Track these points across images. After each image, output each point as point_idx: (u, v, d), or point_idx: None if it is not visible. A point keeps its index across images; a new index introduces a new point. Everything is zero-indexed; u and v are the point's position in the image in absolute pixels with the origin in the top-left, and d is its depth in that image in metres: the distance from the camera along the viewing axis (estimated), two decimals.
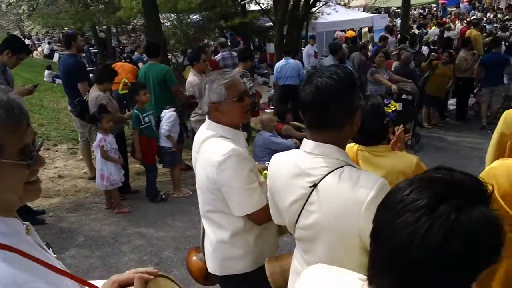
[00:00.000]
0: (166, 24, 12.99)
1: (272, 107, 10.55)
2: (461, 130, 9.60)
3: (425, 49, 12.63)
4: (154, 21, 8.88)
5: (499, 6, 25.92)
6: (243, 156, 2.21)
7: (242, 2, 12.85)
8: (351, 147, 2.71)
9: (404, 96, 8.21)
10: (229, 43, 11.67)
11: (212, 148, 2.27)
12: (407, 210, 0.93)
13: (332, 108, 1.68)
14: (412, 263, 0.92)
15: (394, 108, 2.62)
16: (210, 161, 2.23)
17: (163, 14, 12.66)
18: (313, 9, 12.28)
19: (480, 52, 11.28)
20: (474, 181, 0.96)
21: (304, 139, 1.80)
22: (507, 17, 21.20)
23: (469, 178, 0.97)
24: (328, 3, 13.21)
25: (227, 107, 2.29)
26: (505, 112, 3.65)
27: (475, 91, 10.25)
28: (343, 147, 1.78)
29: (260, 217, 2.26)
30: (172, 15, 13.09)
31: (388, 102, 2.62)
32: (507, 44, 11.99)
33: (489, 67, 9.31)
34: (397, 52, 10.60)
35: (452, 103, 10.92)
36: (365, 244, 1.65)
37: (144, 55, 11.11)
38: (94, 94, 5.98)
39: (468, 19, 20.53)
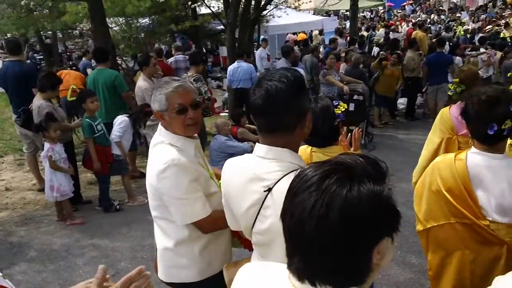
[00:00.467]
0: (115, 28, 12.70)
1: (227, 111, 10.52)
2: (411, 128, 9.88)
3: (376, 50, 12.94)
4: (101, 25, 8.65)
5: (441, 8, 27.01)
6: (185, 166, 2.16)
7: (192, 6, 12.72)
8: (305, 149, 2.73)
9: (355, 97, 8.38)
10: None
11: (156, 155, 2.24)
12: (302, 190, 0.99)
13: (283, 112, 1.66)
14: (306, 238, 0.97)
15: (344, 109, 2.66)
16: (153, 168, 2.20)
17: (111, 19, 12.37)
18: (264, 12, 12.34)
19: (426, 52, 11.65)
20: (365, 161, 1.01)
21: (257, 143, 1.78)
22: (449, 18, 22.10)
23: (361, 159, 1.02)
24: (278, 6, 13.32)
25: (169, 118, 2.24)
26: (441, 110, 3.79)
27: (423, 89, 10.58)
28: (296, 150, 1.77)
29: (205, 226, 2.23)
30: (121, 19, 12.81)
31: (337, 103, 2.66)
32: (451, 44, 12.48)
33: (434, 66, 9.68)
34: (344, 54, 10.83)
35: (401, 102, 11.25)
36: None
37: (92, 60, 10.82)
38: (37, 103, 5.76)
39: (413, 20, 21.26)
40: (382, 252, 1.00)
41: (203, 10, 13.14)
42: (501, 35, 16.24)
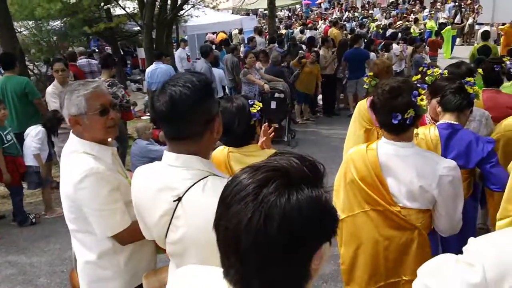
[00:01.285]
0: (24, 32, 11.98)
1: (148, 114, 10.27)
2: (331, 123, 10.14)
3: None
4: (8, 30, 8.10)
5: (354, 5, 28.09)
6: (103, 175, 2.06)
7: (106, 7, 12.26)
8: (221, 150, 2.71)
9: (276, 95, 8.49)
10: (97, 50, 11.15)
11: (71, 165, 2.10)
12: (237, 200, 0.93)
13: (189, 118, 1.60)
14: (243, 252, 0.91)
15: (259, 108, 2.67)
16: (68, 179, 2.08)
17: (19, 22, 11.68)
18: (182, 12, 12.17)
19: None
20: (301, 164, 0.96)
21: (165, 151, 1.70)
22: (363, 15, 23.06)
23: (297, 161, 0.96)
24: (196, 6, 13.19)
25: (88, 121, 2.12)
26: (359, 103, 3.94)
27: (343, 82, 10.91)
28: (206, 156, 1.71)
29: (125, 238, 2.14)
30: (30, 22, 12.11)
31: (252, 102, 2.66)
32: (365, 40, 13.01)
33: (352, 62, 10.08)
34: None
35: (321, 98, 11.55)
36: None
37: None
38: None
39: (329, 18, 21.97)
40: (321, 257, 0.97)
41: (118, 11, 12.71)
42: (411, 30, 17.20)
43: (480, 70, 4.07)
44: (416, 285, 1.35)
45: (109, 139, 2.29)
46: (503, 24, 13.18)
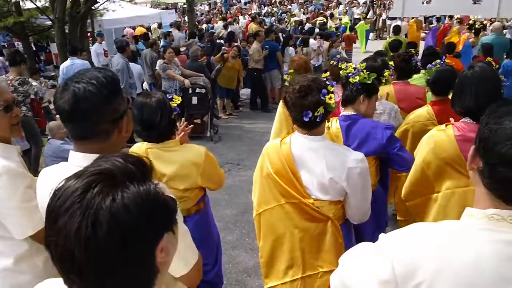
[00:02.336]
0: None
1: None
2: (255, 117, 10.23)
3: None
4: None
5: (273, 0, 28.47)
6: (16, 172, 1.97)
7: (14, 0, 11.48)
8: (139, 146, 2.67)
9: (197, 90, 8.42)
10: (6, 46, 10.40)
11: None
12: (63, 211, 0.89)
13: (95, 117, 1.53)
14: (79, 265, 0.87)
15: (179, 102, 2.64)
16: None
17: None
18: (96, 6, 11.70)
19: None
20: (125, 162, 0.95)
21: (71, 151, 1.62)
22: (281, 10, 23.44)
23: (121, 160, 0.95)
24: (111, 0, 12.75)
25: None
26: (282, 100, 3.99)
27: None
28: None
29: (43, 237, 2.01)
30: None
31: (171, 96, 2.62)
32: (284, 35, 13.21)
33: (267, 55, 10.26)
34: (185, 48, 10.81)
35: (243, 92, 11.62)
36: None
37: None
38: None
39: (249, 13, 22.11)
40: (166, 249, 0.97)
41: (29, 5, 11.95)
42: (328, 25, 17.73)
43: (391, 63, 4.26)
44: (333, 278, 1.38)
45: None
46: (413, 18, 13.96)
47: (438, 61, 3.95)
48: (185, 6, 19.50)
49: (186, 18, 20.05)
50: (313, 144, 2.34)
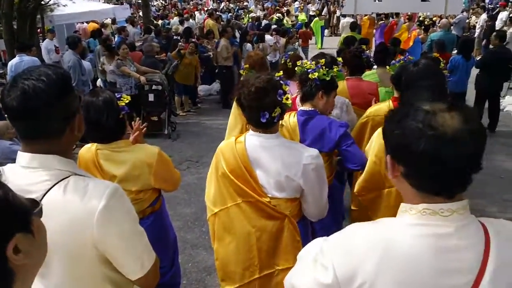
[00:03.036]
0: None
1: None
2: (213, 114, 10.15)
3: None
4: None
5: None
6: None
7: None
8: (89, 148, 2.59)
9: (154, 87, 8.29)
10: None
11: None
12: None
13: (45, 115, 1.47)
14: None
15: (127, 101, 2.57)
16: None
17: None
18: (46, 0, 11.30)
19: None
20: None
21: (19, 151, 1.55)
22: (238, 6, 23.40)
23: None
24: None
25: None
26: (236, 98, 3.98)
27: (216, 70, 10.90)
28: (67, 155, 1.59)
29: None
30: None
31: (119, 95, 2.56)
32: (240, 31, 13.22)
33: None
34: (141, 43, 10.61)
35: (201, 89, 11.53)
36: (103, 253, 1.57)
37: None
38: None
39: (206, 8, 21.96)
40: (24, 250, 0.94)
41: None
42: (284, 21, 17.86)
43: (340, 59, 4.32)
44: (285, 281, 1.41)
45: None
46: (365, 15, 14.26)
47: (401, 57, 4.00)
48: (140, 1, 19.15)
49: (141, 13, 19.67)
50: (268, 143, 2.33)
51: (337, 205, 3.30)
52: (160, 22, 17.29)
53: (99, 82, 9.66)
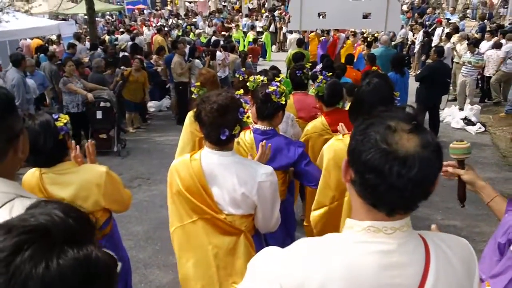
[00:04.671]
0: None
1: None
2: (164, 130, 10.07)
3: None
4: None
5: (178, 12, 28.39)
6: None
7: None
8: (33, 173, 2.50)
9: (102, 104, 8.15)
10: None
11: None
12: None
13: None
14: None
15: (66, 121, 2.49)
16: None
17: None
18: None
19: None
20: (64, 216, 0.83)
21: None
22: (187, 22, 23.37)
23: (61, 214, 0.83)
24: (4, 11, 11.95)
25: None
26: (189, 113, 3.99)
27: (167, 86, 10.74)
28: (10, 178, 1.56)
29: None
30: None
31: (57, 116, 2.47)
32: (190, 46, 13.21)
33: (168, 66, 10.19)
34: (89, 59, 10.42)
35: (151, 105, 11.41)
36: None
37: None
38: None
39: (153, 25, 21.82)
40: None
41: None
42: (233, 36, 18.01)
43: (282, 76, 4.46)
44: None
45: None
46: (311, 32, 14.66)
47: (321, 77, 4.18)
48: (86, 17, 18.80)
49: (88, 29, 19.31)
50: (224, 160, 2.36)
51: (289, 218, 3.38)
52: (107, 38, 17.02)
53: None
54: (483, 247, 2.09)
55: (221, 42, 13.37)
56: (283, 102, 3.10)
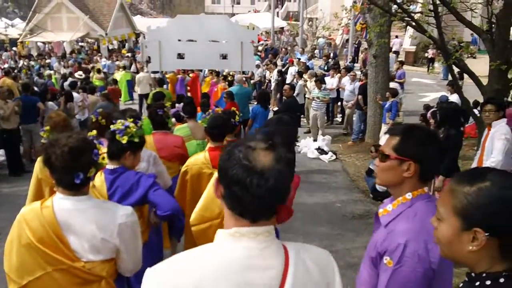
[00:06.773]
0: None
1: None
2: (14, 181, 9.16)
3: None
4: None
5: (30, 53, 26.56)
6: None
7: None
8: None
9: None
10: None
11: None
12: None
13: None
14: None
15: None
16: None
17: None
18: None
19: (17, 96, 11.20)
20: None
21: None
22: (40, 64, 22.02)
23: None
24: None
25: None
26: (38, 159, 3.77)
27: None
28: None
29: None
30: None
31: None
32: (41, 88, 12.45)
33: (24, 109, 9.47)
34: None
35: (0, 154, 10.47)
36: None
37: None
38: None
39: (2, 67, 20.22)
40: None
41: None
42: (92, 79, 17.37)
43: (145, 117, 4.49)
44: None
45: None
46: (171, 72, 14.84)
47: (210, 110, 4.35)
48: None
49: None
50: (80, 205, 2.28)
51: (154, 253, 3.35)
52: None
53: None
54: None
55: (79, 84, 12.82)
56: (124, 142, 3.07)
